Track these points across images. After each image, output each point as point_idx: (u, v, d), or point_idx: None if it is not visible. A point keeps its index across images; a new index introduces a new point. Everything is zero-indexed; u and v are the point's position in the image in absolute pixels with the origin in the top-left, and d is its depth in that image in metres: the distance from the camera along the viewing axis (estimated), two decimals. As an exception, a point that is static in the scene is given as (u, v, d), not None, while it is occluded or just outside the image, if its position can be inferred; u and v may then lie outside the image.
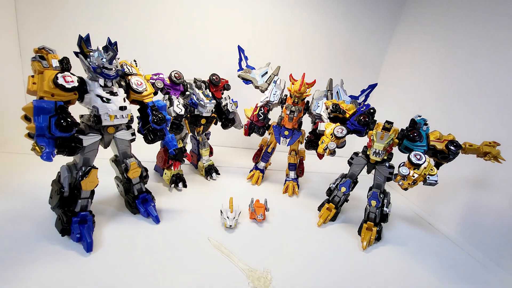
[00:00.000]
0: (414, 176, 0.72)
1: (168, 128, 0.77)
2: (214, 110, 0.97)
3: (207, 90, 0.95)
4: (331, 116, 0.88)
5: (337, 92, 1.01)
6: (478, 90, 0.96)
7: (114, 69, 0.64)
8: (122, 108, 0.66)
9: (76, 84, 0.59)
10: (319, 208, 0.95)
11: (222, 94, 1.00)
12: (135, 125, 0.75)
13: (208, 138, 1.09)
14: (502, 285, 0.76)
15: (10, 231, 0.65)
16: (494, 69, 0.91)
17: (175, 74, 0.88)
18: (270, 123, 1.05)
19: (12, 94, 1.10)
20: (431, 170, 0.73)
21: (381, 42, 1.44)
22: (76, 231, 0.64)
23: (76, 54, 0.63)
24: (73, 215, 0.65)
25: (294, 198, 1.05)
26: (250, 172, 1.14)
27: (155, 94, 0.78)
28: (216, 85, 0.96)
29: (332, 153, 0.83)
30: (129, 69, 0.73)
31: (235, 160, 1.31)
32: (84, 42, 0.63)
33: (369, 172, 0.86)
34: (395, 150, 0.82)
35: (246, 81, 1.04)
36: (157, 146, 0.94)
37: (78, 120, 0.65)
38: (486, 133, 0.87)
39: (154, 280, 0.59)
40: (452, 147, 0.74)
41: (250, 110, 1.05)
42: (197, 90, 0.92)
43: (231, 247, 0.71)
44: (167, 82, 0.87)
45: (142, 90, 0.72)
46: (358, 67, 1.46)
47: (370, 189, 0.86)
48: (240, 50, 1.05)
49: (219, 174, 1.12)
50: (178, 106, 0.86)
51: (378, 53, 1.46)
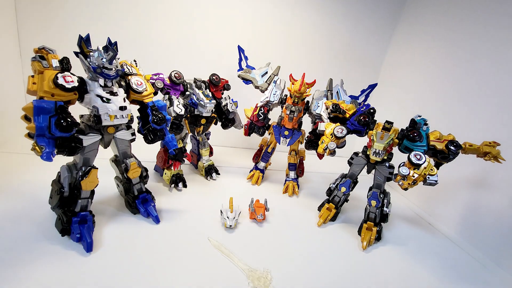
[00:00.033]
0: (414, 176, 0.72)
1: (168, 128, 0.77)
2: (214, 110, 0.97)
3: (207, 90, 0.95)
4: (331, 116, 0.88)
5: (337, 92, 1.01)
6: (478, 90, 0.96)
7: (114, 69, 0.64)
8: (122, 108, 0.66)
9: (76, 84, 0.59)
10: (319, 208, 0.95)
11: (222, 94, 1.00)
12: (135, 125, 0.75)
13: (208, 138, 1.09)
14: (502, 285, 0.76)
15: (10, 231, 0.65)
16: (494, 69, 0.91)
17: (175, 74, 0.88)
18: (270, 123, 1.05)
19: (12, 94, 1.10)
20: (431, 170, 0.73)
21: (381, 42, 1.44)
22: (76, 231, 0.64)
23: (76, 54, 0.63)
24: (73, 215, 0.65)
25: (294, 198, 1.05)
26: (250, 172, 1.14)
27: (155, 94, 0.78)
28: (216, 85, 0.96)
29: (332, 153, 0.83)
30: (129, 69, 0.73)
31: (235, 160, 1.31)
32: (84, 42, 0.63)
33: (369, 172, 0.86)
34: (395, 150, 0.82)
35: (246, 81, 1.04)
36: (157, 146, 0.94)
37: (78, 120, 0.65)
38: (486, 133, 0.87)
39: (154, 280, 0.59)
40: (452, 147, 0.74)
41: (250, 110, 1.05)
42: (197, 90, 0.92)
43: (231, 247, 0.71)
44: (167, 82, 0.87)
45: (142, 90, 0.72)
46: (358, 67, 1.46)
47: (370, 189, 0.86)
48: (240, 50, 1.05)
49: (219, 174, 1.12)
50: (178, 106, 0.86)
51: (378, 53, 1.46)
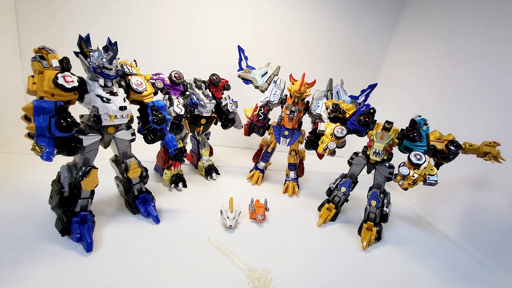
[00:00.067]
0: (414, 176, 0.72)
1: (168, 128, 0.77)
2: (214, 110, 0.97)
3: (207, 90, 0.95)
4: (331, 116, 0.88)
5: (337, 92, 1.01)
6: (478, 90, 0.96)
7: (114, 69, 0.64)
8: (122, 108, 0.66)
9: (76, 84, 0.59)
10: (319, 208, 0.95)
11: (222, 94, 1.00)
12: (135, 125, 0.75)
13: (208, 138, 1.09)
14: (502, 285, 0.76)
15: (10, 231, 0.65)
16: (494, 69, 0.91)
17: (175, 74, 0.88)
18: (270, 123, 1.05)
19: (12, 94, 1.10)
20: (431, 170, 0.73)
21: (381, 42, 1.44)
22: (76, 231, 0.64)
23: (76, 54, 0.63)
24: (73, 215, 0.65)
25: (294, 198, 1.05)
26: (250, 172, 1.14)
27: (155, 94, 0.78)
28: (216, 85, 0.96)
29: (332, 153, 0.83)
30: (129, 69, 0.73)
31: (235, 160, 1.31)
32: (84, 42, 0.63)
33: (369, 172, 0.86)
34: (395, 150, 0.82)
35: (246, 81, 1.04)
36: (157, 146, 0.94)
37: (78, 120, 0.65)
38: (486, 133, 0.87)
39: (154, 280, 0.59)
40: (452, 147, 0.74)
41: (250, 110, 1.05)
42: (197, 90, 0.92)
43: (231, 247, 0.71)
44: (167, 82, 0.87)
45: (142, 90, 0.72)
46: (358, 67, 1.46)
47: (370, 189, 0.86)
48: (240, 50, 1.05)
49: (219, 174, 1.12)
50: (178, 106, 0.86)
51: (378, 53, 1.46)
